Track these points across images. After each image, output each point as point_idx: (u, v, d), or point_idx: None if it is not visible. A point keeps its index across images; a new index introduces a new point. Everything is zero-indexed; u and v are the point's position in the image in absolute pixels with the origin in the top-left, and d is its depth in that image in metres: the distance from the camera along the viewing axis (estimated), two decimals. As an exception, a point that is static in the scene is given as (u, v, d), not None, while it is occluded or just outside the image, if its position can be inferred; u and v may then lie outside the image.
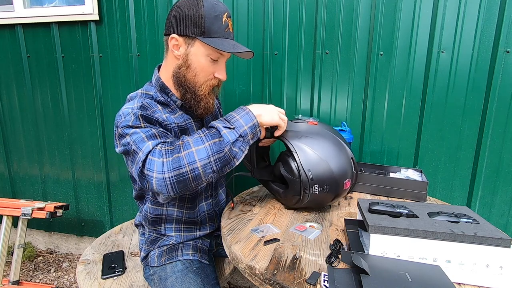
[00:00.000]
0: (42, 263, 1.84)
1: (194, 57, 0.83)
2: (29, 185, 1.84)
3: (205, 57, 0.83)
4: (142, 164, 0.69)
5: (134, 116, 0.76)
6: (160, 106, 0.86)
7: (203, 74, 0.85)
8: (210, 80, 0.87)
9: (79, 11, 1.49)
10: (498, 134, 1.13)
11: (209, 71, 0.85)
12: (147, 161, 0.68)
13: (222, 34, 0.81)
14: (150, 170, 0.67)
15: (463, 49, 1.12)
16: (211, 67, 0.85)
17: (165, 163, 0.67)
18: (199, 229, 1.00)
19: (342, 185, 0.84)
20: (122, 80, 1.53)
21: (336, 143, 0.87)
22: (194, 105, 0.87)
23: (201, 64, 0.83)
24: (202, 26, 0.79)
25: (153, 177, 0.67)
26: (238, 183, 1.47)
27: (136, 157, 0.71)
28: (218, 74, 0.87)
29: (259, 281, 0.62)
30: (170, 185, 0.67)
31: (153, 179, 0.67)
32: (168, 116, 0.85)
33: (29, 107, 1.72)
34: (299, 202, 0.87)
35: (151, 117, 0.79)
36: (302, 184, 0.82)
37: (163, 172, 0.66)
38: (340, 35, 1.23)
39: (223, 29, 0.81)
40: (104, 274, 0.98)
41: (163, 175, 0.66)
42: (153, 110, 0.82)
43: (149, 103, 0.83)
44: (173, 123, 0.85)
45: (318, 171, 0.82)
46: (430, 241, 0.59)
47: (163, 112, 0.85)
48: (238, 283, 1.65)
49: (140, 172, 0.70)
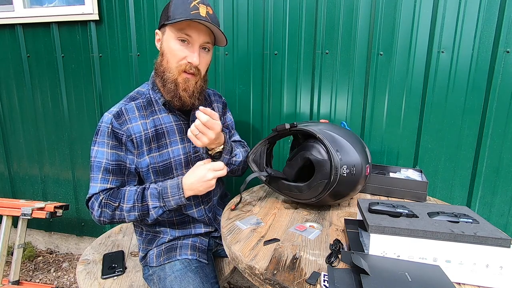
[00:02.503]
0: (42, 263, 1.84)
1: (165, 44, 0.86)
2: (29, 185, 1.84)
3: (174, 40, 0.84)
4: (88, 198, 0.87)
5: (106, 130, 0.85)
6: (139, 111, 0.89)
7: (174, 59, 0.85)
8: (181, 65, 0.85)
9: (79, 11, 1.49)
10: (498, 134, 1.13)
11: (179, 55, 0.84)
12: (91, 202, 0.86)
13: (186, 15, 0.80)
14: (91, 209, 0.86)
15: (463, 49, 1.12)
16: (181, 51, 0.84)
17: (103, 212, 0.84)
18: (194, 228, 1.01)
19: (365, 169, 0.85)
20: (122, 80, 1.53)
21: (352, 134, 0.90)
22: (169, 92, 0.87)
23: (170, 48, 0.84)
24: (168, 12, 0.83)
25: (92, 214, 0.86)
26: (238, 184, 1.47)
27: (90, 181, 0.87)
28: (189, 58, 0.84)
29: (259, 281, 0.62)
30: (103, 224, 0.87)
31: (93, 216, 0.86)
32: (143, 122, 0.88)
33: (29, 107, 1.72)
34: (326, 188, 0.84)
35: (118, 132, 0.86)
36: (333, 164, 0.81)
37: (100, 217, 0.85)
38: (340, 35, 1.23)
39: (189, 11, 0.80)
40: (104, 274, 0.98)
41: (99, 219, 0.85)
42: (125, 120, 0.87)
43: (127, 109, 0.88)
44: (145, 130, 0.88)
45: (345, 152, 0.83)
46: (430, 241, 0.59)
47: (139, 118, 0.88)
48: (238, 283, 1.65)
49: (86, 201, 0.87)
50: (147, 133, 0.88)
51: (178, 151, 0.93)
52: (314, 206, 0.96)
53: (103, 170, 0.85)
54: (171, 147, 0.92)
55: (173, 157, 0.92)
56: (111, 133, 0.85)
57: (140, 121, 0.88)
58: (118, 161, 0.87)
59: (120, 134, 0.86)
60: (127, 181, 0.90)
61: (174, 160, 0.92)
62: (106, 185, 0.86)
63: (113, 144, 0.86)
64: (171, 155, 0.92)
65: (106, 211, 0.83)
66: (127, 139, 0.86)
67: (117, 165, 0.87)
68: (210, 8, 0.85)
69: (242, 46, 1.34)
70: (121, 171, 0.88)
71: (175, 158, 0.92)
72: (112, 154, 0.86)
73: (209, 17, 0.83)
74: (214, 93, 1.10)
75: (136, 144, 0.87)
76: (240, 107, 1.40)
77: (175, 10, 0.81)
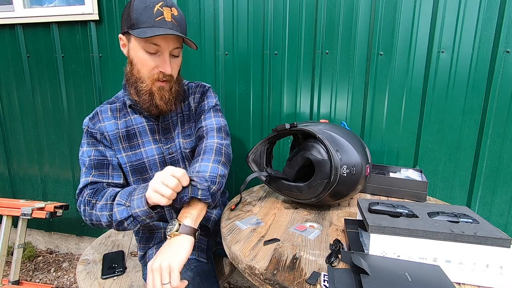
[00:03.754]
0: (42, 263, 1.84)
1: (133, 52, 0.82)
2: (29, 185, 1.84)
3: (141, 50, 0.80)
4: (76, 196, 0.86)
5: (84, 130, 0.90)
6: (112, 112, 0.92)
7: (145, 69, 0.82)
8: (154, 74, 0.83)
9: (79, 11, 1.49)
10: (498, 134, 1.13)
11: (150, 65, 0.81)
12: (78, 199, 0.84)
13: (151, 23, 0.76)
14: (78, 208, 0.84)
15: (463, 49, 1.12)
16: (151, 60, 0.81)
17: (85, 211, 0.81)
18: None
19: (365, 169, 0.85)
20: (122, 80, 1.53)
21: (352, 134, 0.90)
22: (145, 103, 0.86)
23: (140, 58, 0.81)
24: (131, 19, 0.78)
25: (79, 211, 0.84)
26: (238, 183, 1.47)
27: (80, 179, 0.87)
28: (161, 68, 0.82)
29: (259, 281, 0.62)
30: (92, 225, 0.83)
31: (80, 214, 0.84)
32: (115, 122, 0.90)
33: (29, 107, 1.72)
34: (326, 188, 0.84)
35: (92, 131, 0.89)
36: (333, 164, 0.81)
37: (85, 216, 0.82)
38: (340, 35, 1.23)
39: (154, 18, 0.76)
40: (104, 274, 0.98)
41: (84, 218, 0.82)
42: (97, 120, 0.90)
43: (102, 110, 0.92)
44: (116, 129, 0.90)
45: (344, 152, 0.83)
46: (430, 241, 0.59)
47: (111, 118, 0.91)
48: (238, 283, 1.65)
49: (76, 200, 0.86)
50: (118, 133, 0.90)
51: (152, 151, 0.92)
52: (314, 206, 0.96)
53: (86, 166, 0.87)
54: (144, 147, 0.92)
55: (146, 157, 0.92)
56: (88, 133, 0.89)
57: (112, 121, 0.91)
58: (99, 156, 0.88)
59: (94, 132, 0.89)
60: (112, 176, 0.88)
61: (148, 160, 0.92)
62: (88, 179, 0.84)
63: (91, 141, 0.89)
64: (144, 155, 0.92)
65: (87, 209, 0.80)
66: (101, 136, 0.89)
67: (98, 160, 0.88)
68: (174, 9, 0.80)
69: (242, 46, 1.34)
70: (103, 165, 0.88)
71: (149, 158, 0.92)
72: (92, 150, 0.88)
73: (175, 20, 0.79)
74: (196, 85, 1.02)
75: (110, 141, 0.90)
76: (240, 107, 1.40)
77: (138, 16, 0.77)
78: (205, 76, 1.41)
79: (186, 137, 0.96)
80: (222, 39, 1.36)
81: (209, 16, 1.35)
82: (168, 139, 0.94)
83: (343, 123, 1.21)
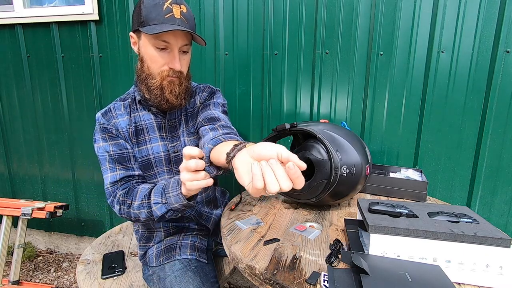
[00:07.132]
0: (42, 263, 1.84)
1: (143, 49, 0.84)
2: (29, 185, 1.84)
3: (151, 47, 0.82)
4: (106, 190, 0.87)
5: (98, 127, 0.90)
6: (125, 109, 0.93)
7: (155, 66, 0.84)
8: (164, 71, 0.84)
9: (79, 11, 1.49)
10: (498, 134, 1.13)
11: (160, 61, 0.83)
12: (110, 200, 0.86)
13: (161, 20, 0.78)
14: (112, 206, 0.86)
15: (463, 49, 1.12)
16: (161, 57, 0.83)
17: (122, 210, 0.84)
18: (187, 222, 1.01)
19: (365, 169, 0.85)
20: (122, 80, 1.53)
21: (352, 134, 0.90)
22: (156, 98, 0.86)
23: (150, 55, 0.83)
24: (141, 17, 0.80)
25: (114, 210, 0.87)
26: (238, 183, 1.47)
27: (103, 176, 0.88)
28: (171, 64, 0.83)
29: (259, 281, 0.62)
30: (131, 221, 0.87)
31: (115, 211, 0.87)
32: (127, 118, 0.92)
33: (29, 107, 1.72)
34: (326, 188, 0.83)
35: (107, 126, 0.89)
36: (333, 164, 0.81)
37: (122, 215, 0.85)
38: (340, 35, 1.23)
39: (163, 15, 0.78)
40: (104, 274, 0.98)
41: (122, 216, 0.85)
42: (111, 116, 0.91)
43: (115, 107, 0.93)
44: (128, 125, 0.91)
45: (344, 152, 0.83)
46: (430, 241, 0.59)
47: (125, 114, 0.92)
48: (238, 283, 1.65)
49: (108, 195, 0.88)
50: (129, 129, 0.91)
51: (158, 148, 0.93)
52: (314, 206, 0.96)
53: (108, 161, 0.87)
54: (151, 144, 0.93)
55: (152, 153, 0.93)
56: (103, 128, 0.89)
57: (126, 117, 0.92)
58: (119, 150, 0.89)
59: (109, 128, 0.89)
60: (134, 168, 0.90)
61: (153, 156, 0.93)
62: (116, 175, 0.86)
63: (107, 136, 0.89)
64: (150, 151, 0.93)
65: (124, 208, 0.83)
66: (117, 132, 0.90)
67: (119, 154, 0.88)
68: (183, 6, 0.81)
69: (242, 46, 1.34)
70: (125, 158, 0.89)
71: (155, 155, 0.93)
72: (109, 145, 0.88)
73: (184, 17, 0.81)
74: (205, 85, 1.03)
75: (124, 138, 0.91)
76: (240, 107, 1.40)
77: (148, 14, 0.78)
78: (205, 76, 1.41)
79: (190, 135, 0.96)
80: (222, 39, 1.36)
81: (209, 16, 1.35)
82: (174, 137, 0.95)
83: (343, 123, 1.21)
